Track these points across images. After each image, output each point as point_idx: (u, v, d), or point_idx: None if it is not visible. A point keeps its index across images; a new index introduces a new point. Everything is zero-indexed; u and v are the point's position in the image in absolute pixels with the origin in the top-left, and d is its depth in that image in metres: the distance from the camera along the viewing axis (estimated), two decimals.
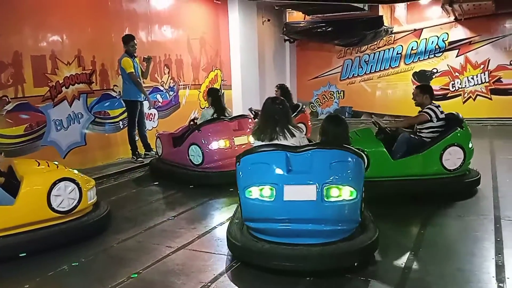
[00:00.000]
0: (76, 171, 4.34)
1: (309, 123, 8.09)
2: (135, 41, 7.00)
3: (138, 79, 6.96)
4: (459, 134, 5.14)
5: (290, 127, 3.71)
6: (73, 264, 3.61)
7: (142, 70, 7.23)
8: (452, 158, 5.09)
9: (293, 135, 3.67)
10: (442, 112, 5.25)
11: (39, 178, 4.03)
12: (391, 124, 5.45)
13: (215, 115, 6.27)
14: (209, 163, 5.99)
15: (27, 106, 6.09)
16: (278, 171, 3.33)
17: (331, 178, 3.27)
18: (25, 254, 3.75)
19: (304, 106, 8.22)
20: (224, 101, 6.74)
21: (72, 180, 4.04)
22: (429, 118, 5.19)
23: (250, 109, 8.00)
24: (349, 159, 3.39)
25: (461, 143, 5.10)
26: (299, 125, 4.23)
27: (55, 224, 3.96)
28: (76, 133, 6.82)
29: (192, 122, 6.51)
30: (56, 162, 4.53)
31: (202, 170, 6.07)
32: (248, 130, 6.26)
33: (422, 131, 5.28)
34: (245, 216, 3.51)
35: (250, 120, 6.56)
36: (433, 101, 5.38)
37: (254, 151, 3.53)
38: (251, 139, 3.96)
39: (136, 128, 7.20)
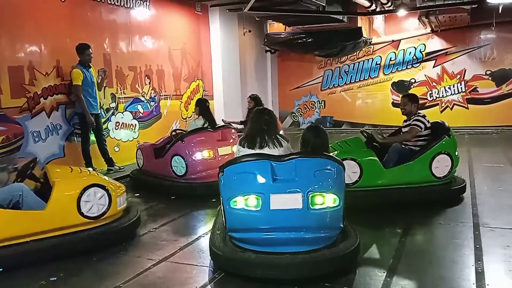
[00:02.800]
0: (106, 178, 4.46)
1: (282, 133, 7.97)
2: (90, 49, 6.79)
3: (82, 94, 6.63)
4: (447, 143, 5.23)
5: (278, 137, 3.78)
6: (51, 279, 3.53)
7: (97, 82, 7.07)
8: (441, 165, 5.17)
9: (281, 145, 3.73)
10: (428, 121, 5.34)
11: (70, 184, 4.12)
12: (384, 140, 5.48)
13: (206, 126, 6.21)
14: (193, 174, 5.94)
15: (4, 118, 5.94)
16: (264, 180, 3.34)
17: (315, 185, 3.31)
18: (2, 269, 3.64)
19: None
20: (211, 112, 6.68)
21: (102, 187, 4.11)
22: (420, 130, 5.27)
23: (223, 120, 8.00)
24: (332, 167, 3.45)
25: (448, 151, 5.20)
26: None
27: (84, 230, 4.04)
28: (55, 144, 6.70)
29: (174, 133, 6.45)
30: (90, 169, 4.57)
31: (185, 181, 6.01)
32: (232, 140, 6.24)
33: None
34: (230, 227, 3.48)
35: (233, 130, 6.54)
36: (418, 110, 5.47)
37: (238, 160, 3.52)
38: (235, 148, 3.96)
39: (90, 142, 6.95)
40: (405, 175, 5.13)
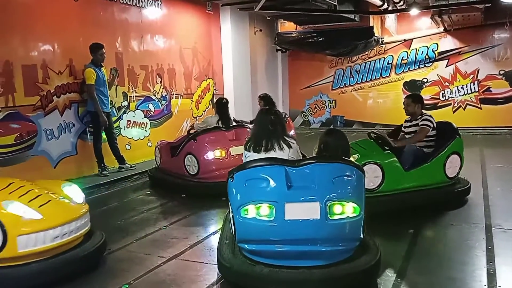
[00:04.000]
0: (11, 209, 3.36)
1: (293, 133, 7.81)
2: (103, 49, 6.84)
3: (95, 93, 6.67)
4: (457, 143, 5.19)
5: (286, 138, 3.58)
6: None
7: (108, 81, 7.11)
8: (452, 166, 5.12)
9: (289, 146, 3.52)
10: (435, 121, 5.29)
11: None
12: (397, 142, 5.24)
13: (220, 124, 6.22)
14: (205, 173, 5.91)
15: (18, 116, 6.04)
16: (278, 187, 3.07)
17: (334, 193, 3.04)
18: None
19: (287, 116, 8.18)
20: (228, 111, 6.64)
21: None
22: (430, 130, 5.21)
23: (234, 120, 7.97)
24: (352, 173, 3.19)
25: (459, 151, 5.16)
26: None
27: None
28: (67, 142, 6.77)
29: (192, 131, 6.46)
30: (34, 188, 3.68)
31: (197, 180, 5.98)
32: (245, 140, 6.18)
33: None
34: (240, 237, 3.20)
35: (248, 129, 6.49)
36: (423, 110, 5.41)
37: (250, 165, 3.26)
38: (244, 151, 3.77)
39: (102, 140, 7.00)
40: (423, 177, 4.99)
